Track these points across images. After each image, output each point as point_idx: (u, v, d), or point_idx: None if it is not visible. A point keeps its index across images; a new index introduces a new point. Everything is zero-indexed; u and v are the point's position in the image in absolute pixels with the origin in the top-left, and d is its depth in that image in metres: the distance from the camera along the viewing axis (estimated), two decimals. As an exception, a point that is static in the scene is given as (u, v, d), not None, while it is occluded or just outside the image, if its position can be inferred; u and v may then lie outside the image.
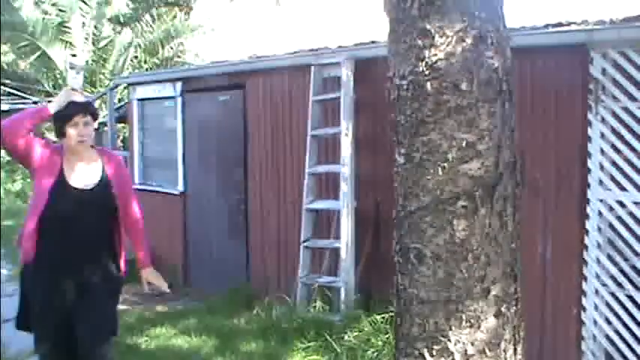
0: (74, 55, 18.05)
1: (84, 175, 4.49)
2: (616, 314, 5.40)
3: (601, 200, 5.44)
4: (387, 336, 6.16)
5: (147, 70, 20.13)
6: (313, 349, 6.36)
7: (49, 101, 5.37)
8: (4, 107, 15.61)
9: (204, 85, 9.43)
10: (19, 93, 19.55)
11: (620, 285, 5.39)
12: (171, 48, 20.98)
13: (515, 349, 3.05)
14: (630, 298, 5.33)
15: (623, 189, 5.34)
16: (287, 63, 8.28)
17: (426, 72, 2.88)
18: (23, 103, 18.55)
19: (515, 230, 3.03)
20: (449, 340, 2.95)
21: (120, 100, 15.65)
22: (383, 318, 6.41)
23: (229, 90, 8.97)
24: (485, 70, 2.88)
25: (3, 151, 14.31)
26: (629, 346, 5.34)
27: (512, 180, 2.99)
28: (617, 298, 5.40)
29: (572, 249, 5.64)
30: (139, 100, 10.84)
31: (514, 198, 3.00)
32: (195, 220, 9.72)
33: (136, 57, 20.83)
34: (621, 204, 5.36)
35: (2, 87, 18.97)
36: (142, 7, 19.35)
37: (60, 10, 19.49)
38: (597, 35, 5.45)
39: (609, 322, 5.45)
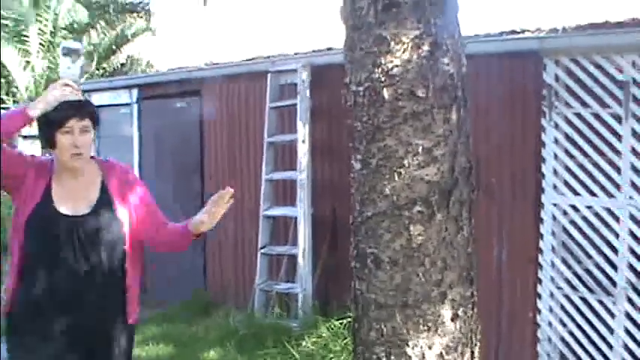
0: (67, 38, 17.59)
1: (78, 196, 3.29)
2: (570, 316, 5.48)
3: (555, 205, 5.52)
4: (345, 341, 6.18)
5: (100, 77, 19.92)
6: (271, 356, 6.35)
7: (30, 99, 4.54)
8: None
9: (160, 92, 9.38)
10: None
11: (574, 288, 5.47)
12: (121, 52, 20.78)
13: (472, 352, 3.08)
14: (584, 300, 5.41)
15: (576, 193, 5.42)
16: (243, 70, 8.27)
17: (382, 78, 2.90)
18: (-24, 111, 18.24)
19: (471, 235, 3.06)
20: (407, 345, 2.97)
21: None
22: (341, 323, 6.43)
23: (185, 97, 8.93)
24: (440, 76, 2.91)
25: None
26: (583, 347, 5.41)
27: (467, 185, 3.02)
28: (571, 301, 5.48)
29: (527, 253, 5.70)
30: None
31: (470, 203, 3.04)
32: (152, 227, 9.64)
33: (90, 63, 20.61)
34: (575, 208, 5.44)
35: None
36: (97, 14, 19.15)
37: (16, 20, 19.21)
38: (550, 43, 5.54)
39: (564, 324, 5.52)
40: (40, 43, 19.38)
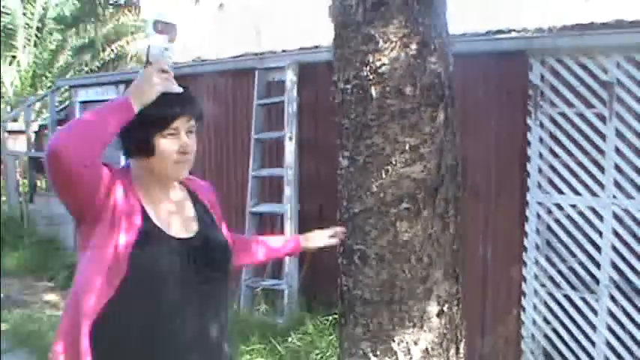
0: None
1: (176, 214, 2.53)
2: (554, 314, 5.53)
3: (540, 203, 5.57)
4: (330, 337, 6.19)
5: (87, 72, 19.87)
6: (257, 352, 6.36)
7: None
8: None
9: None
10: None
11: (557, 285, 5.51)
12: (112, 51, 20.71)
13: (457, 348, 3.12)
14: (567, 298, 5.46)
15: (560, 192, 5.47)
16: (231, 67, 8.28)
17: (370, 76, 2.93)
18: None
19: (457, 232, 3.10)
20: (392, 340, 3.00)
21: (61, 103, 15.45)
22: (327, 320, 6.44)
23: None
24: (428, 75, 2.94)
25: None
26: (566, 344, 5.46)
27: (453, 183, 3.05)
28: (555, 299, 5.53)
29: (511, 251, 5.75)
30: (81, 102, 10.73)
31: (456, 200, 3.07)
32: (138, 223, 9.64)
33: (78, 59, 20.53)
34: (559, 207, 5.49)
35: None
36: (87, 8, 19.08)
37: (5, 14, 19.12)
38: (536, 43, 5.59)
39: (547, 322, 5.57)
40: (27, 38, 19.32)
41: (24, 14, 19.21)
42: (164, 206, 2.50)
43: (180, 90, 2.45)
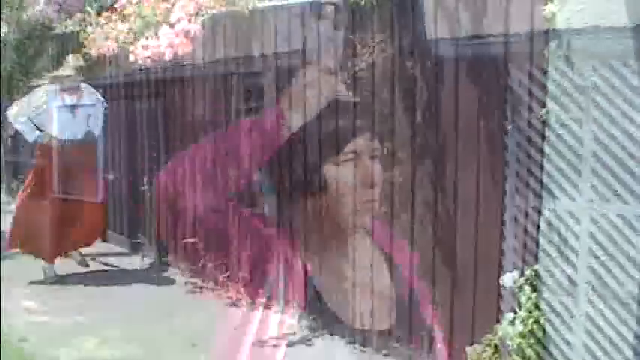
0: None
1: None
2: (532, 317, 5.54)
3: (517, 207, 5.59)
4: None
5: (66, 77, 19.66)
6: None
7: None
8: None
9: (124, 93, 9.34)
10: None
11: (535, 288, 5.53)
12: (92, 55, 20.48)
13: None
14: (545, 300, 5.49)
15: (538, 196, 5.50)
16: (209, 72, 8.25)
17: (349, 81, 2.95)
18: None
19: (435, 236, 3.11)
20: (371, 344, 3.01)
21: (38, 107, 15.28)
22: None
23: (150, 98, 8.91)
24: (405, 79, 2.96)
25: None
26: (544, 347, 5.49)
27: (432, 186, 3.07)
28: (533, 301, 5.54)
29: (489, 254, 5.76)
30: (58, 107, 10.64)
31: (434, 204, 3.09)
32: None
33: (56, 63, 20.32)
34: (537, 211, 5.51)
35: None
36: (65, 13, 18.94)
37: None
38: (514, 47, 5.61)
39: (525, 325, 5.59)
40: (3, 42, 19.14)
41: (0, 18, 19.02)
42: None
43: (356, 99, 1.42)
